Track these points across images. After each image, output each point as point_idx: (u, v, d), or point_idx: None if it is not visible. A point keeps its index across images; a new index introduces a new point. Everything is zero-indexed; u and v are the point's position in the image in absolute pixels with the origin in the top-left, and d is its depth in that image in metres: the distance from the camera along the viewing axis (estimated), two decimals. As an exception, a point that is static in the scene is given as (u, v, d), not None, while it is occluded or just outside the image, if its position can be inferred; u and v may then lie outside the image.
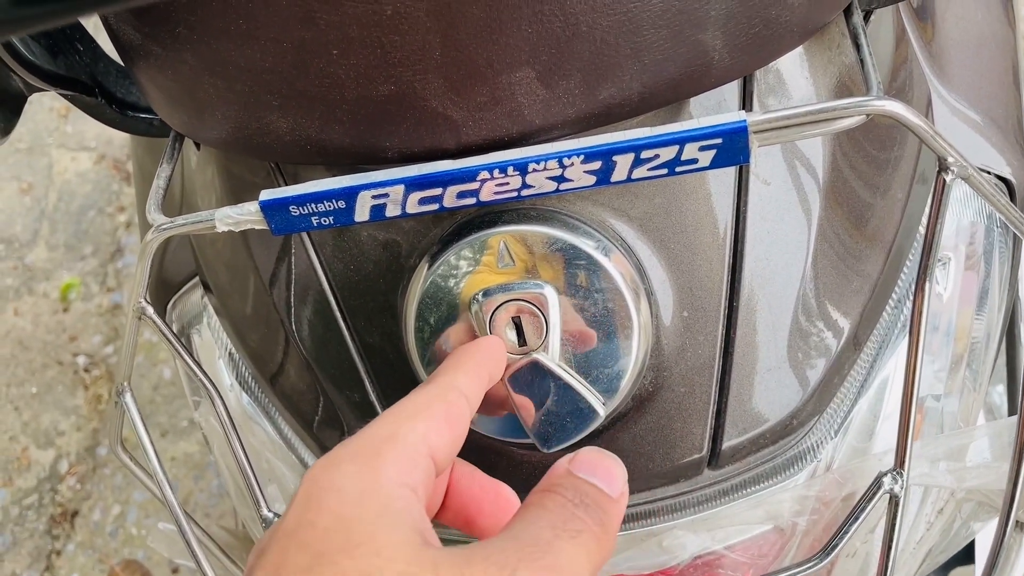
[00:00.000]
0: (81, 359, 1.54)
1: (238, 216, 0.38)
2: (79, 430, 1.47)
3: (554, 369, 0.39)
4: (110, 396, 1.48)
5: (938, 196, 0.34)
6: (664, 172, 0.35)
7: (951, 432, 0.46)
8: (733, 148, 0.34)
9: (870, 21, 0.41)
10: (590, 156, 0.35)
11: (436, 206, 0.37)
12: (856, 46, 0.37)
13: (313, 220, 0.38)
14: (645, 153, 0.35)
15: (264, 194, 0.37)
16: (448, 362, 0.37)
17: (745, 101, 0.39)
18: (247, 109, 0.36)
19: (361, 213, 0.37)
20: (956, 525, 0.50)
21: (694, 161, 0.35)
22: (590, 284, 0.38)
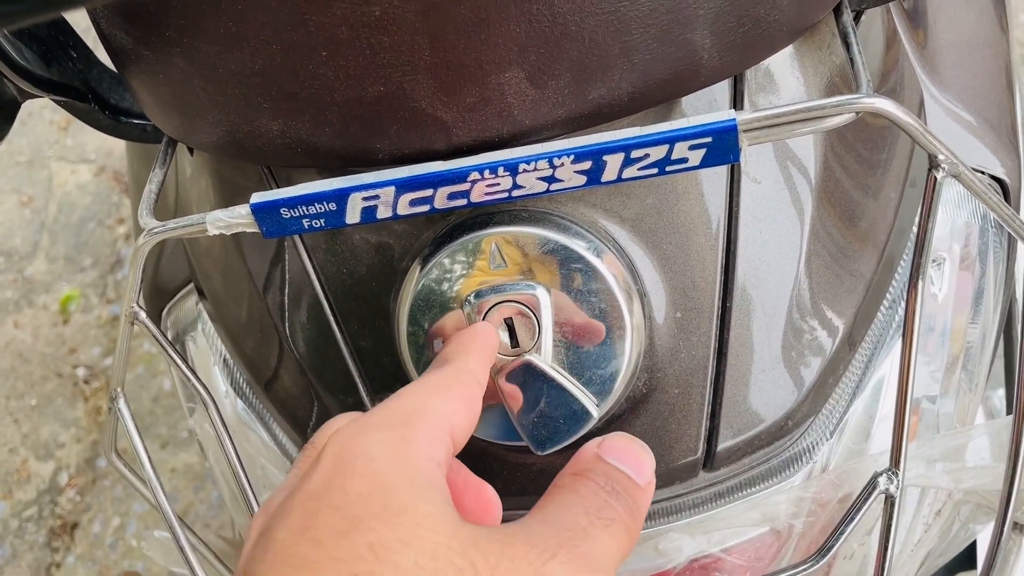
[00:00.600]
0: (81, 371, 1.54)
1: (229, 219, 0.38)
2: (79, 442, 1.47)
3: (547, 371, 0.39)
4: (109, 407, 1.48)
5: (929, 194, 0.34)
6: (654, 172, 0.35)
7: (947, 432, 0.45)
8: (723, 147, 0.34)
9: (860, 21, 0.41)
10: (580, 156, 0.35)
11: (427, 207, 0.37)
12: (846, 45, 0.37)
13: (304, 223, 0.38)
14: (635, 153, 0.35)
15: (255, 197, 0.37)
16: (454, 346, 0.37)
17: (736, 100, 0.39)
18: (237, 112, 0.37)
19: (352, 215, 0.37)
20: (955, 527, 0.50)
21: (684, 160, 0.35)
22: (583, 285, 0.38)
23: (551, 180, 0.36)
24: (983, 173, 0.49)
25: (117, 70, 0.42)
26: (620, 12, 0.33)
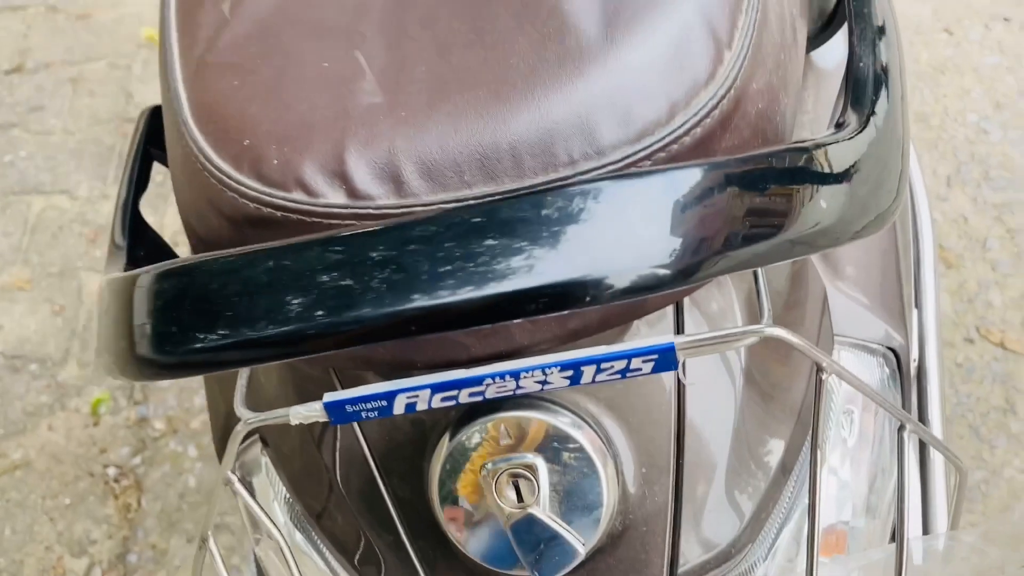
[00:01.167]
0: (111, 470, 1.65)
1: (307, 412, 0.51)
2: (110, 538, 1.57)
3: (545, 520, 0.51)
4: (138, 505, 1.59)
5: (818, 392, 0.48)
6: (618, 376, 0.48)
7: (858, 553, 0.58)
8: (666, 360, 0.48)
9: None
10: (564, 367, 0.48)
11: (454, 402, 0.50)
12: (755, 277, 0.51)
13: (363, 414, 0.51)
14: (604, 364, 0.48)
15: (327, 396, 0.50)
16: None
17: (678, 315, 0.53)
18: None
19: (398, 408, 0.50)
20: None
21: (639, 369, 0.48)
22: (569, 453, 0.51)
23: (544, 383, 0.49)
24: (881, 345, 0.63)
25: None
26: None
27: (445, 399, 0.50)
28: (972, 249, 1.69)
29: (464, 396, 0.50)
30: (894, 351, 0.63)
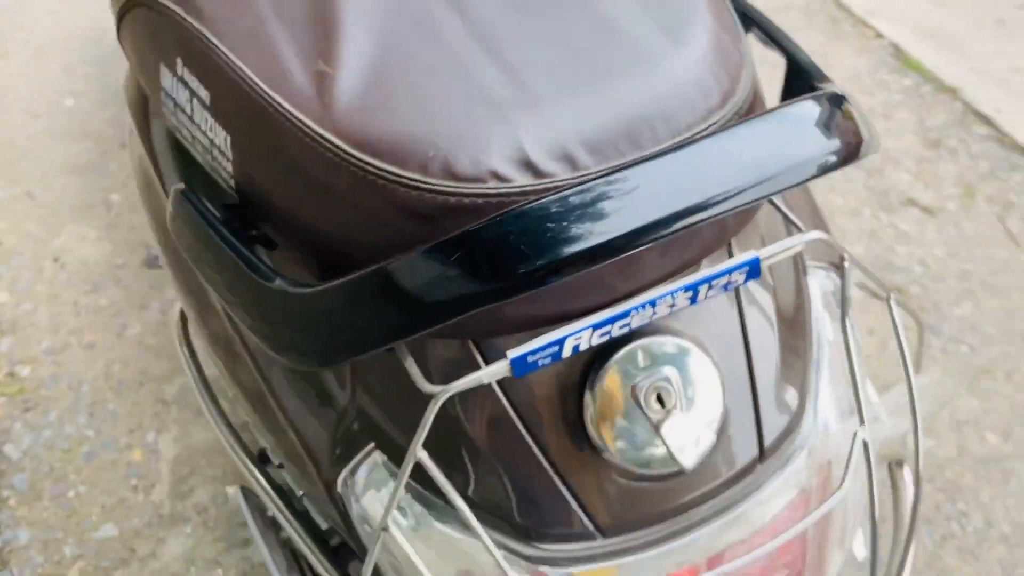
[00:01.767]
0: None
1: (495, 370, 0.61)
2: None
3: (685, 418, 0.66)
4: None
5: (844, 283, 0.68)
6: (723, 290, 0.65)
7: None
8: (754, 270, 0.65)
9: None
10: (687, 288, 0.64)
11: (607, 336, 0.63)
12: (779, 210, 0.71)
13: (539, 362, 0.62)
14: (714, 282, 0.64)
15: (510, 352, 0.61)
16: None
17: (729, 253, 0.71)
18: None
19: (567, 351, 0.62)
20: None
21: (736, 281, 0.65)
22: (692, 365, 0.67)
23: (673, 306, 0.64)
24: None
25: None
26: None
27: (602, 335, 0.63)
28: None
29: (616, 329, 0.63)
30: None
